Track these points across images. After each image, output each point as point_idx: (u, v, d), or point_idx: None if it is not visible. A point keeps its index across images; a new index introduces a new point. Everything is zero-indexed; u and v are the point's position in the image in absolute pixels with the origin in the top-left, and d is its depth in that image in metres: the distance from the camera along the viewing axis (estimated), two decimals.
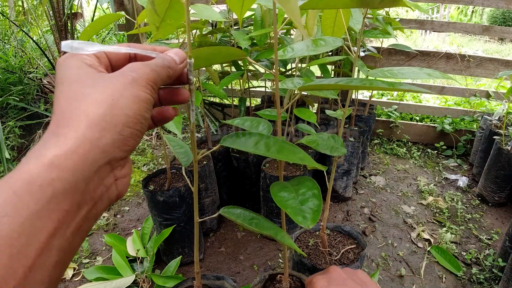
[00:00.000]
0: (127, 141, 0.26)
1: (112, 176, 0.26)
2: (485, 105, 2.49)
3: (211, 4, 1.65)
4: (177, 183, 1.31)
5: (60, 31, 2.31)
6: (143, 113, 0.27)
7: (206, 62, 0.43)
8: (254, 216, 0.53)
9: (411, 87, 0.37)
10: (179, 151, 0.74)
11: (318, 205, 0.45)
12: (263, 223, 0.51)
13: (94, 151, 0.23)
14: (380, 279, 1.28)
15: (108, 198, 0.26)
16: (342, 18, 0.71)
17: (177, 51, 0.33)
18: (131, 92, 0.26)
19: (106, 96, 0.25)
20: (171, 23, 0.45)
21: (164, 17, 0.44)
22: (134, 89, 0.27)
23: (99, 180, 0.25)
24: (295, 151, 0.44)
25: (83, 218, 0.24)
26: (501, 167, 1.63)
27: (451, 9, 10.50)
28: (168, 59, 0.32)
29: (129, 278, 1.20)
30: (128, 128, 0.26)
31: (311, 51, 0.57)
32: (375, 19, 1.34)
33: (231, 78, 1.34)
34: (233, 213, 0.54)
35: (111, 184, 0.26)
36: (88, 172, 0.23)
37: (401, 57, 2.14)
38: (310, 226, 0.41)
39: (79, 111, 0.24)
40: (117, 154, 0.25)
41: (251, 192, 1.62)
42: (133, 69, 0.28)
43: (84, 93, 0.25)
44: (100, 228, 1.58)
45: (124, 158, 0.27)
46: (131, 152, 0.28)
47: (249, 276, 1.30)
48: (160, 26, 0.45)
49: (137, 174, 2.01)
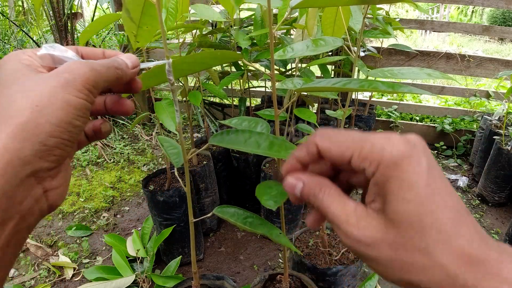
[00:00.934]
0: (53, 151, 0.24)
1: (40, 188, 0.24)
2: (485, 105, 2.49)
3: (211, 4, 1.65)
4: (177, 183, 1.31)
5: (60, 31, 2.31)
6: (71, 120, 0.24)
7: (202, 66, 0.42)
8: (248, 215, 0.53)
9: (412, 89, 0.37)
10: (171, 152, 0.73)
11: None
12: (257, 222, 0.51)
13: (14, 163, 0.22)
14: (380, 279, 1.28)
15: (39, 210, 0.24)
16: (342, 18, 0.71)
17: (129, 56, 0.31)
18: (60, 97, 0.24)
19: (31, 102, 0.23)
20: (148, 30, 0.44)
21: (140, 23, 0.43)
22: (64, 93, 0.24)
23: (25, 193, 0.23)
24: (287, 146, 0.43)
25: (11, 233, 0.22)
26: (501, 167, 1.63)
27: (451, 9, 10.50)
28: (118, 60, 0.29)
29: (129, 278, 1.20)
30: (52, 138, 0.23)
31: (311, 51, 0.57)
32: (375, 19, 1.34)
33: (231, 78, 1.34)
34: (227, 212, 0.54)
35: (40, 196, 0.24)
36: (9, 186, 0.21)
37: (401, 57, 2.14)
38: (274, 208, 0.41)
39: (4, 118, 0.23)
40: (42, 164, 0.23)
41: (251, 192, 1.62)
42: (69, 69, 0.25)
43: (11, 99, 0.23)
44: (100, 228, 1.58)
45: (52, 168, 0.25)
46: (62, 162, 0.25)
47: (249, 276, 1.30)
48: (138, 33, 0.45)
49: (137, 174, 2.01)
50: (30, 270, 1.34)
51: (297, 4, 0.33)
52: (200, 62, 0.39)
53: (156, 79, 0.40)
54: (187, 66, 0.39)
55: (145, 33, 0.45)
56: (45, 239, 1.50)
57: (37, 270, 1.34)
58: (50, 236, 1.53)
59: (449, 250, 0.21)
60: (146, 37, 0.45)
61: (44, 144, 0.23)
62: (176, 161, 0.69)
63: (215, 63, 0.43)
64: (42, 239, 1.51)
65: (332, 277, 0.92)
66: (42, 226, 1.59)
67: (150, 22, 0.43)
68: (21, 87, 0.24)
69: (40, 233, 1.54)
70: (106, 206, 1.73)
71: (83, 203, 1.73)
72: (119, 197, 1.81)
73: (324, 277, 0.92)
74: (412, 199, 0.22)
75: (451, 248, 0.21)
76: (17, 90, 0.24)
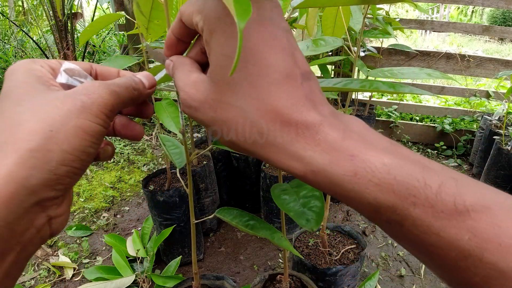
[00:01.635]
0: (62, 180, 0.22)
1: (44, 217, 0.22)
2: (485, 105, 2.49)
3: None
4: (177, 183, 1.31)
5: (60, 31, 2.31)
6: (86, 148, 0.22)
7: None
8: (249, 217, 0.53)
9: (412, 89, 0.37)
10: (174, 152, 0.73)
11: (320, 208, 0.45)
12: (258, 225, 0.51)
13: (20, 193, 0.20)
14: (380, 279, 1.28)
15: (40, 238, 0.23)
16: (342, 18, 0.71)
17: (146, 74, 0.29)
18: (76, 122, 0.22)
19: (43, 126, 0.21)
20: (158, 24, 0.45)
21: (150, 17, 0.44)
22: (80, 118, 0.22)
23: (28, 223, 0.21)
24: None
25: (10, 264, 0.21)
26: (501, 167, 1.63)
27: (451, 9, 10.50)
28: (135, 80, 0.27)
29: (129, 278, 1.20)
30: (63, 167, 0.22)
31: (311, 51, 0.57)
32: (375, 19, 1.34)
33: None
34: (229, 214, 0.54)
35: (43, 225, 0.22)
36: (13, 217, 0.20)
37: (401, 57, 2.14)
38: (314, 229, 0.41)
39: (11, 141, 0.21)
40: (49, 194, 0.22)
41: (251, 192, 1.62)
42: (86, 91, 0.23)
43: (20, 119, 0.21)
44: (100, 228, 1.58)
45: (59, 196, 0.23)
46: (68, 189, 0.24)
47: (249, 276, 1.30)
48: (148, 26, 0.45)
49: (137, 174, 2.01)
50: (30, 270, 1.34)
51: (299, 4, 0.33)
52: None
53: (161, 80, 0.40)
54: None
55: (156, 27, 0.46)
56: None
57: (37, 270, 1.34)
58: None
59: (259, 106, 0.21)
60: (157, 30, 0.46)
61: (54, 173, 0.21)
62: (179, 161, 0.69)
63: None
64: None
65: (332, 277, 0.92)
66: None
67: (161, 17, 0.44)
68: (31, 104, 0.22)
69: None
70: (106, 206, 1.73)
71: (83, 203, 1.73)
72: (119, 197, 1.81)
73: (324, 277, 0.92)
74: (228, 53, 0.21)
75: (262, 105, 0.21)
76: (28, 108, 0.22)
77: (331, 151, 0.20)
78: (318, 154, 0.20)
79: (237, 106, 0.21)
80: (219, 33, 0.21)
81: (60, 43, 2.40)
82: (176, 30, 0.26)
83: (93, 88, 0.23)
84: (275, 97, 0.21)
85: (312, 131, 0.20)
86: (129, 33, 1.00)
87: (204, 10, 0.22)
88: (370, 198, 0.19)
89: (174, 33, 0.27)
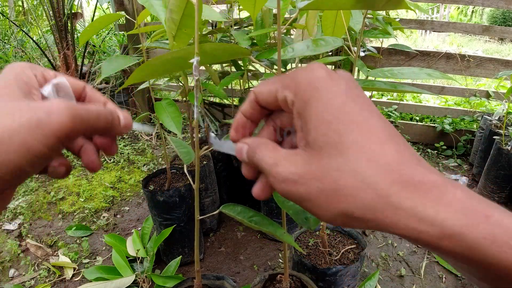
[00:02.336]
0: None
1: None
2: (485, 105, 2.49)
3: (211, 4, 1.65)
4: (177, 183, 1.31)
5: (60, 31, 2.31)
6: (23, 166, 0.21)
7: (212, 58, 0.42)
8: (254, 213, 0.53)
9: (413, 89, 0.37)
10: (182, 151, 0.76)
11: None
12: (263, 220, 0.51)
13: None
14: (380, 279, 1.28)
15: None
16: (343, 18, 0.71)
17: (127, 116, 0.29)
18: (23, 139, 0.21)
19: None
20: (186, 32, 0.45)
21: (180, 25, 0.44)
22: (29, 136, 0.21)
23: None
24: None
25: None
26: (501, 167, 1.63)
27: (451, 9, 10.50)
28: (113, 113, 0.27)
29: (129, 278, 1.20)
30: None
31: (311, 51, 0.57)
32: (375, 19, 1.34)
33: (231, 78, 1.34)
34: (234, 210, 0.54)
35: None
36: None
37: (401, 57, 2.14)
38: (312, 228, 0.41)
39: None
40: None
41: (251, 192, 1.62)
42: (49, 109, 0.22)
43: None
44: (100, 228, 1.58)
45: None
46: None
47: (249, 276, 1.30)
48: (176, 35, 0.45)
49: (137, 174, 2.01)
50: (30, 270, 1.34)
51: (305, 6, 0.34)
52: (209, 53, 0.40)
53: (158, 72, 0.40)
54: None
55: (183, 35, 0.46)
56: (45, 239, 1.50)
57: (37, 270, 1.34)
58: (50, 236, 1.53)
59: (377, 168, 0.19)
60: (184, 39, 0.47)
61: None
62: (186, 158, 0.72)
63: (223, 56, 0.44)
64: (42, 239, 1.51)
65: (332, 277, 0.92)
66: (42, 226, 1.59)
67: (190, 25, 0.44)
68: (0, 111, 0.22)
69: (40, 233, 1.54)
70: (106, 206, 1.73)
71: (83, 203, 1.73)
72: (119, 197, 1.81)
73: (324, 277, 0.92)
74: (330, 119, 0.20)
75: (379, 166, 0.19)
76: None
77: (466, 211, 0.18)
78: (452, 215, 0.18)
79: (350, 170, 0.19)
80: (315, 101, 0.21)
81: (60, 43, 2.40)
82: (248, 111, 0.26)
83: (56, 108, 0.22)
84: (391, 156, 0.19)
85: (440, 191, 0.19)
86: (129, 33, 1.00)
87: (294, 82, 0.22)
88: (508, 263, 0.17)
89: (245, 114, 0.27)
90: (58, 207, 1.71)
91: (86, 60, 2.86)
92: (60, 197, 1.76)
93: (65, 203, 1.73)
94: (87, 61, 2.86)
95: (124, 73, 2.70)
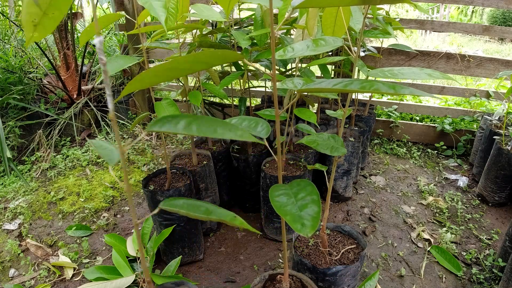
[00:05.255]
0: None
1: None
2: (485, 105, 2.49)
3: (211, 4, 1.65)
4: (177, 183, 1.31)
5: (60, 31, 2.31)
6: None
7: (205, 65, 0.42)
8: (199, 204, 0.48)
9: (413, 91, 0.37)
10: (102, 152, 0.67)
11: (317, 212, 0.44)
12: (210, 209, 0.47)
13: None
14: (380, 279, 1.28)
15: None
16: (343, 18, 0.71)
17: None
18: None
19: None
20: (54, 16, 0.35)
21: (47, 8, 0.34)
22: None
23: None
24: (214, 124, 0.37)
25: None
26: (501, 167, 1.63)
27: (451, 9, 10.50)
28: None
29: (129, 278, 1.20)
30: None
31: (311, 51, 0.57)
32: (375, 19, 1.34)
33: (231, 78, 1.34)
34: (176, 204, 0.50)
35: None
36: None
37: (401, 57, 2.14)
38: (309, 234, 0.41)
39: None
40: None
41: (251, 192, 1.62)
42: None
43: None
44: (100, 228, 1.58)
45: None
46: None
47: (249, 276, 1.30)
48: (40, 22, 0.35)
49: (137, 174, 2.01)
50: (30, 270, 1.34)
51: (299, 4, 0.33)
52: (202, 61, 0.39)
53: (156, 79, 0.39)
54: (189, 66, 0.39)
55: (49, 21, 0.36)
56: (45, 239, 1.50)
57: (37, 270, 1.34)
58: (50, 236, 1.53)
59: None
60: (49, 26, 0.36)
61: None
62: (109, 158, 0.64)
63: (216, 63, 0.43)
64: (42, 239, 1.51)
65: (332, 277, 0.92)
66: (42, 226, 1.59)
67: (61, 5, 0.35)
68: None
69: (40, 233, 1.54)
70: (106, 206, 1.73)
71: (83, 203, 1.73)
72: (119, 197, 1.81)
73: (324, 277, 0.92)
74: None
75: None
76: None
77: None
78: None
79: None
80: None
81: (60, 43, 2.40)
82: None
83: None
84: None
85: None
86: (129, 33, 1.00)
87: None
88: None
89: None
90: (58, 207, 1.71)
91: (86, 60, 2.86)
92: (60, 197, 1.76)
93: (65, 203, 1.73)
94: (87, 61, 2.86)
95: (124, 73, 2.70)
